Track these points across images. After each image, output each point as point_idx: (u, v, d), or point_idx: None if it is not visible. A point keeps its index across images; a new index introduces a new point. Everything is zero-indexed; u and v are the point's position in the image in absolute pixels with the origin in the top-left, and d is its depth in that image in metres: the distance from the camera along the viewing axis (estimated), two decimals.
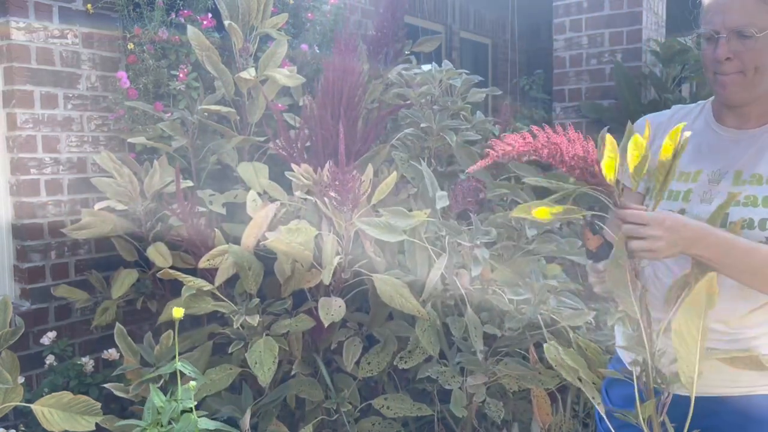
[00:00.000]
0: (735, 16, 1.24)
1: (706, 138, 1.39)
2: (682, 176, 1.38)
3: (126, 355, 2.17)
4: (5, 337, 1.91)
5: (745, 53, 1.25)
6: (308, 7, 3.25)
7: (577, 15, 3.71)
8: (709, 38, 1.29)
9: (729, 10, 1.25)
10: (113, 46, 2.79)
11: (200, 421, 1.62)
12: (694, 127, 1.41)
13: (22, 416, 2.34)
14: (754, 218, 1.27)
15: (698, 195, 1.34)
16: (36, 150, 2.58)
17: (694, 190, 1.35)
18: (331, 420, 2.23)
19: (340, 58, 2.48)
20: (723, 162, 1.34)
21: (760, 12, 1.22)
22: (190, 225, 2.28)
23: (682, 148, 1.18)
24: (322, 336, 2.29)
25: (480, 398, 2.06)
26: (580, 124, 3.73)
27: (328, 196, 2.13)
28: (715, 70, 1.30)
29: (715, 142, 1.37)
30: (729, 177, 1.32)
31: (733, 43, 1.25)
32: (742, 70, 1.26)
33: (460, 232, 2.09)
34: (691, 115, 1.44)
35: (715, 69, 1.30)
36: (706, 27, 1.29)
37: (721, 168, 1.33)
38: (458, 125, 2.53)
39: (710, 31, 1.28)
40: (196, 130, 2.63)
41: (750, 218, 1.27)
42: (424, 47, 3.17)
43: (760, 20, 1.22)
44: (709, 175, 1.34)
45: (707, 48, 1.31)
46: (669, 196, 1.38)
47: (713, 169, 1.34)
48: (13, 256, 2.64)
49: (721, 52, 1.26)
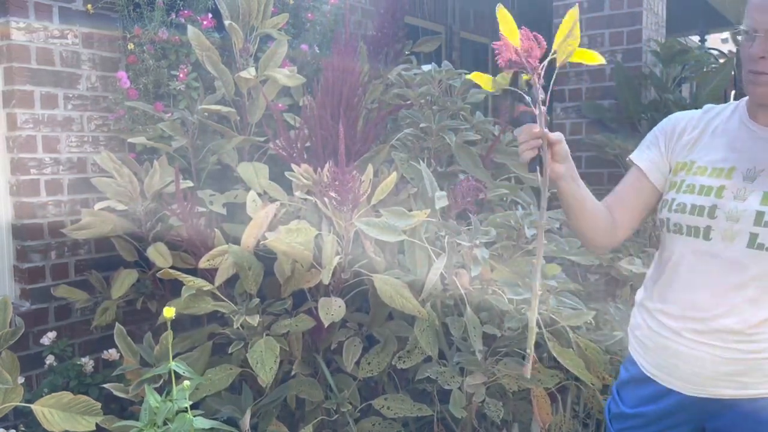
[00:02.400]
0: None
1: (740, 136, 1.38)
2: (715, 172, 1.36)
3: (126, 356, 2.18)
4: (5, 338, 1.92)
5: None
6: (308, 7, 3.25)
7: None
8: (747, 35, 1.29)
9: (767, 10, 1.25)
10: (113, 47, 2.79)
11: (196, 421, 1.62)
12: (728, 126, 1.41)
13: (22, 416, 2.35)
14: None
15: (732, 192, 1.32)
16: (36, 150, 2.59)
17: (727, 187, 1.33)
18: (331, 420, 2.23)
19: (340, 58, 2.48)
20: (758, 160, 1.33)
21: None
22: (190, 225, 2.28)
23: None
24: (322, 336, 2.29)
25: (479, 398, 2.06)
26: (580, 124, 3.73)
27: (328, 197, 2.13)
28: (750, 68, 1.30)
29: (750, 140, 1.36)
30: (765, 175, 1.31)
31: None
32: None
33: (459, 232, 2.09)
34: (723, 114, 1.44)
35: (750, 67, 1.30)
36: (746, 24, 1.30)
37: (757, 166, 1.32)
38: (458, 125, 2.53)
39: (749, 29, 1.28)
40: (196, 130, 2.63)
41: None
42: (424, 47, 3.18)
43: None
44: (744, 172, 1.33)
45: (745, 45, 1.31)
46: (701, 191, 1.36)
47: (748, 167, 1.33)
48: (13, 257, 2.64)
49: (756, 51, 1.26)
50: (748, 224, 1.28)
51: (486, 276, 2.15)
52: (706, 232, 1.33)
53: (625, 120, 3.53)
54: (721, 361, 1.32)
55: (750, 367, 1.31)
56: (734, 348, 1.31)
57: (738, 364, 1.31)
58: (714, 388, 1.34)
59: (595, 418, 2.40)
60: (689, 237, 1.36)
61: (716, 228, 1.31)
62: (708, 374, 1.33)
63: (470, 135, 2.54)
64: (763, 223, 1.26)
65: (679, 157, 1.44)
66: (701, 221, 1.33)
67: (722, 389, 1.34)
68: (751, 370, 1.31)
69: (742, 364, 1.31)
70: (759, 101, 1.34)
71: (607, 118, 3.58)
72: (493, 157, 2.55)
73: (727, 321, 1.31)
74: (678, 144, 1.45)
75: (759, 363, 1.30)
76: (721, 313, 1.31)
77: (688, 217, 1.35)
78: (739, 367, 1.31)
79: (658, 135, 1.49)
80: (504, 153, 2.56)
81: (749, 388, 1.33)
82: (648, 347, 1.45)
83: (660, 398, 1.43)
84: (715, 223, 1.31)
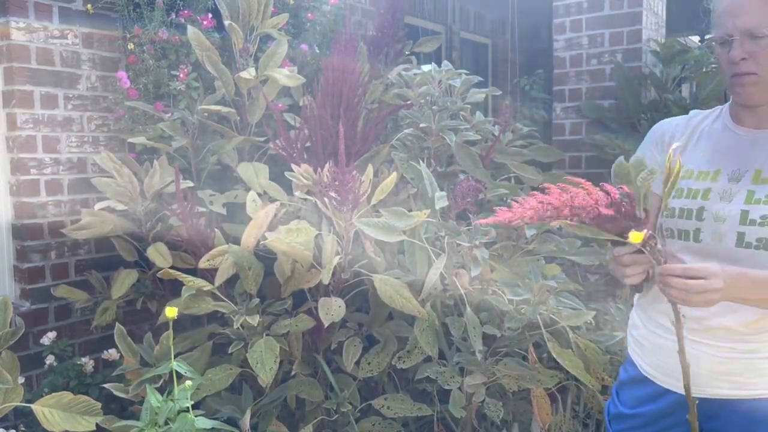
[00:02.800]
0: (746, 18, 1.25)
1: (724, 139, 1.40)
2: (701, 175, 1.39)
3: (126, 356, 2.18)
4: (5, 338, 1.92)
5: (759, 53, 1.26)
6: (308, 7, 3.25)
7: (577, 15, 3.71)
8: (723, 42, 1.31)
9: (740, 12, 1.26)
10: (113, 47, 2.79)
11: (197, 421, 1.62)
12: (713, 129, 1.43)
13: (22, 416, 2.35)
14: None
15: (718, 193, 1.34)
16: (36, 150, 2.59)
17: (713, 189, 1.35)
18: (331, 420, 2.23)
19: (340, 58, 2.48)
20: (742, 161, 1.35)
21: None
22: (190, 225, 2.28)
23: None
24: (322, 336, 2.29)
25: (479, 398, 2.06)
26: (580, 125, 3.73)
27: (328, 197, 2.13)
28: (732, 72, 1.31)
29: (734, 143, 1.38)
30: (749, 176, 1.33)
31: (746, 45, 1.27)
32: (757, 71, 1.28)
33: (458, 233, 2.09)
34: (709, 118, 1.46)
35: (731, 71, 1.31)
36: (718, 32, 1.31)
37: (741, 167, 1.34)
38: (458, 125, 2.53)
39: (723, 35, 1.30)
40: (196, 131, 2.63)
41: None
42: (425, 47, 3.18)
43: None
44: (729, 174, 1.35)
45: (722, 52, 1.32)
46: (688, 194, 1.38)
47: (733, 169, 1.35)
48: (13, 257, 2.64)
49: (736, 54, 1.28)
50: (735, 224, 1.30)
51: (486, 276, 2.15)
52: (696, 234, 1.35)
53: (625, 120, 3.53)
54: (716, 361, 1.33)
55: (745, 367, 1.31)
56: (730, 347, 1.32)
57: (733, 363, 1.32)
58: (710, 387, 1.35)
59: (595, 418, 2.40)
60: (680, 240, 1.38)
61: (705, 230, 1.34)
62: (704, 373, 1.33)
63: (470, 135, 2.54)
64: (748, 222, 1.28)
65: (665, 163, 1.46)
66: (690, 224, 1.36)
67: (717, 389, 1.34)
68: (746, 369, 1.31)
69: (737, 363, 1.32)
70: (746, 102, 1.35)
71: (607, 118, 3.58)
72: (493, 157, 2.55)
73: (722, 320, 1.32)
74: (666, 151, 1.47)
75: (754, 362, 1.31)
76: (716, 312, 1.31)
77: (677, 221, 1.38)
78: (734, 367, 1.32)
79: (649, 145, 1.52)
80: (504, 153, 2.57)
81: (744, 389, 1.33)
82: (645, 347, 1.46)
83: (658, 398, 1.44)
84: (704, 225, 1.34)
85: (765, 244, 1.27)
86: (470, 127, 2.61)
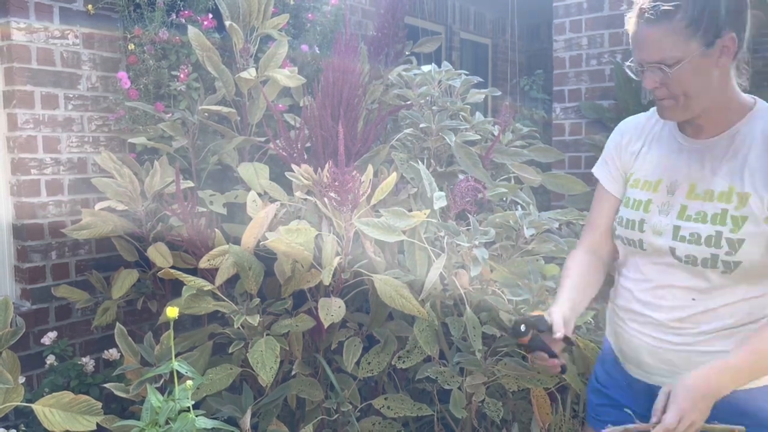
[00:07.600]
0: (649, 52, 1.28)
1: (668, 147, 1.43)
2: (646, 185, 1.43)
3: (126, 355, 2.18)
4: (6, 338, 1.92)
5: (669, 82, 1.28)
6: (309, 7, 3.25)
7: (577, 16, 3.71)
8: (636, 71, 1.34)
9: (644, 46, 1.29)
10: (114, 47, 2.79)
11: (198, 420, 1.62)
12: (662, 135, 1.45)
13: (22, 416, 2.35)
14: (701, 234, 1.30)
15: (657, 206, 1.39)
16: (36, 150, 2.59)
17: (654, 201, 1.40)
18: (331, 420, 2.24)
19: (340, 58, 2.48)
20: (680, 173, 1.38)
21: (672, 45, 1.25)
22: (190, 225, 2.28)
23: None
24: (322, 336, 2.29)
25: (479, 398, 2.06)
26: (580, 124, 3.73)
27: (328, 197, 2.13)
28: (652, 97, 1.35)
29: (676, 152, 1.40)
30: (683, 189, 1.36)
31: (656, 74, 1.29)
32: (672, 96, 1.30)
33: (458, 233, 2.09)
34: (660, 121, 1.47)
35: (651, 96, 1.35)
36: (634, 58, 1.34)
37: (679, 179, 1.37)
38: (457, 126, 2.54)
39: (636, 65, 1.33)
40: (196, 131, 2.63)
41: (698, 233, 1.30)
42: (425, 48, 3.18)
43: (672, 53, 1.25)
44: (668, 185, 1.39)
45: (639, 77, 1.35)
46: (633, 205, 1.43)
47: (672, 180, 1.39)
48: (13, 257, 2.64)
49: (648, 83, 1.31)
50: (668, 239, 1.34)
51: (485, 276, 2.15)
52: (640, 243, 1.40)
53: None
54: (655, 351, 1.38)
55: (682, 359, 1.35)
56: (665, 339, 1.37)
57: (668, 354, 1.37)
58: (655, 376, 1.41)
59: None
60: (630, 247, 1.44)
61: (646, 241, 1.39)
62: (649, 361, 1.41)
63: (470, 135, 2.54)
64: (679, 238, 1.32)
65: (627, 166, 1.51)
66: (634, 234, 1.41)
67: (661, 377, 1.40)
68: (682, 361, 1.35)
69: (672, 354, 1.36)
70: (671, 120, 1.38)
71: (607, 118, 3.58)
72: (492, 157, 2.55)
73: (655, 315, 1.38)
74: (625, 153, 1.52)
75: (690, 356, 1.34)
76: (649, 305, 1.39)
77: (624, 230, 1.44)
78: (669, 357, 1.37)
79: (611, 147, 1.56)
80: (504, 153, 2.57)
81: None
82: (612, 330, 1.54)
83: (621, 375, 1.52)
84: (645, 236, 1.39)
85: (693, 261, 1.31)
86: (470, 128, 2.61)
